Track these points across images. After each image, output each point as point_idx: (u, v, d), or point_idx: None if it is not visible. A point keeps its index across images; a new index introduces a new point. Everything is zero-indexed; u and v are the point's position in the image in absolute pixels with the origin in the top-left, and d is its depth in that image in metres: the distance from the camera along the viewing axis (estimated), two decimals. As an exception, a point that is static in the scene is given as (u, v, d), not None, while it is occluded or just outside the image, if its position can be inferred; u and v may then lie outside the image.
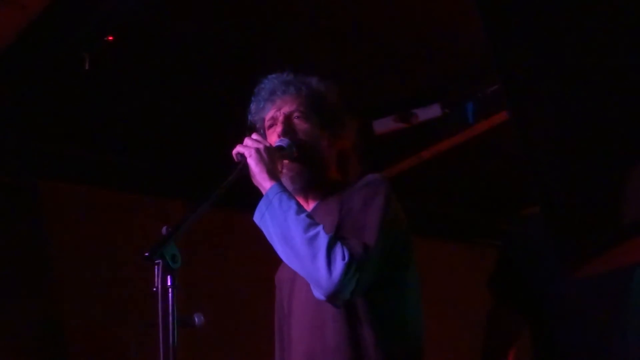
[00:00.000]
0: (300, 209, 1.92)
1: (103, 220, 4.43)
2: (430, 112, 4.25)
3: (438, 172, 5.11)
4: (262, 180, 1.97)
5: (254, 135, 2.06)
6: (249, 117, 2.25)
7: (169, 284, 1.71)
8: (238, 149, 2.01)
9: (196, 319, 1.76)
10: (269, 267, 2.28)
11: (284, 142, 2.09)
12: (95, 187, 4.47)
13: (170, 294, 1.71)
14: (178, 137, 4.39)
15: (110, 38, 3.38)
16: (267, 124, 2.19)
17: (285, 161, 2.10)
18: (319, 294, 1.86)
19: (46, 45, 3.47)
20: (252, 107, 2.23)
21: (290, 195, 1.96)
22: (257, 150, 1.98)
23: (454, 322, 5.41)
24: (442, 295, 5.41)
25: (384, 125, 4.30)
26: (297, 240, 1.87)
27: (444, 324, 5.22)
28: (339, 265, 1.82)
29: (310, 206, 2.14)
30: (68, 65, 3.57)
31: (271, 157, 2.00)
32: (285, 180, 2.06)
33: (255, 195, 2.01)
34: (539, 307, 2.40)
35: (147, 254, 1.73)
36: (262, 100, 2.20)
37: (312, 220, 1.90)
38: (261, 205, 1.96)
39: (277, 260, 2.05)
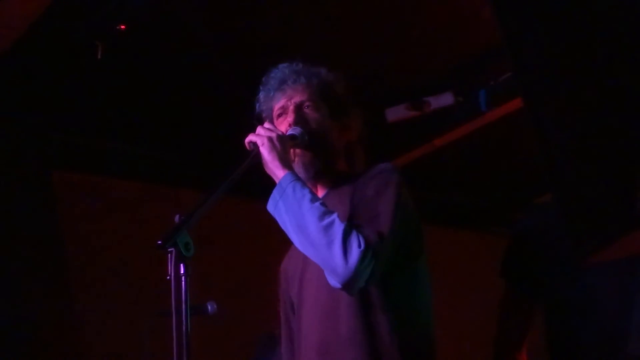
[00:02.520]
0: (314, 197, 1.93)
1: (117, 210, 4.45)
2: (443, 100, 4.23)
3: (450, 161, 5.09)
4: (275, 169, 1.98)
5: (266, 124, 2.06)
6: (257, 107, 2.25)
7: (182, 272, 1.72)
8: (250, 137, 2.02)
9: (209, 307, 1.78)
10: (283, 257, 2.28)
11: (296, 130, 2.09)
12: (109, 177, 4.49)
13: (183, 282, 1.72)
14: (191, 125, 4.40)
15: (123, 27, 3.39)
16: (276, 113, 2.19)
17: (297, 150, 2.10)
18: (334, 282, 1.87)
19: (59, 35, 3.48)
20: (261, 96, 2.23)
21: (304, 184, 1.97)
22: (270, 138, 1.99)
23: (465, 311, 5.41)
24: (455, 283, 5.41)
25: (396, 113, 4.29)
26: (312, 228, 1.87)
27: (456, 312, 5.22)
28: (355, 252, 1.82)
29: (320, 195, 2.15)
30: (80, 54, 3.58)
31: (283, 146, 2.00)
32: (298, 169, 2.07)
33: (269, 184, 2.02)
34: (552, 295, 2.40)
35: (159, 242, 1.74)
36: (271, 90, 2.20)
37: (327, 208, 1.91)
38: (274, 194, 1.96)
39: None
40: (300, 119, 2.13)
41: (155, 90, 4.05)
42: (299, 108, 2.15)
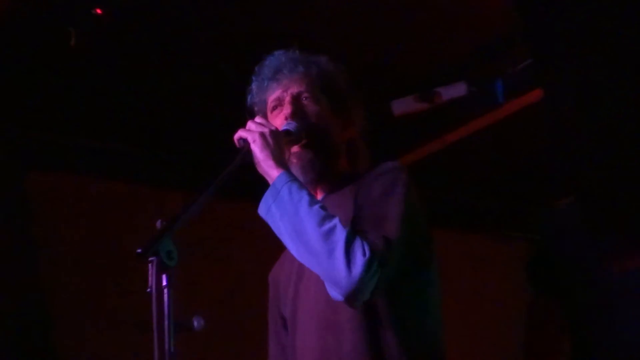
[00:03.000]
0: (312, 200, 1.91)
1: (94, 213, 4.44)
2: (455, 90, 4.23)
3: (463, 158, 5.09)
4: (268, 168, 1.96)
5: (258, 118, 2.04)
6: (249, 99, 2.23)
7: (164, 283, 1.71)
8: (240, 133, 1.99)
9: (195, 323, 1.76)
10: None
11: (292, 125, 2.07)
12: (87, 177, 4.48)
13: (165, 295, 1.70)
14: (176, 122, 4.40)
15: (99, 11, 3.38)
16: (270, 105, 2.17)
17: (294, 148, 2.09)
18: (336, 294, 1.85)
19: (29, 22, 3.47)
20: (254, 86, 2.22)
21: (301, 185, 1.94)
22: (262, 134, 1.97)
23: (477, 323, 5.41)
24: (466, 293, 5.41)
25: (403, 105, 4.29)
26: (311, 234, 1.85)
27: (467, 324, 5.23)
28: (359, 261, 1.81)
29: (318, 197, 2.13)
30: (53, 43, 3.57)
31: (277, 143, 1.98)
32: (294, 169, 2.05)
33: (262, 184, 2.00)
34: (576, 300, 2.43)
35: (139, 250, 1.72)
36: (265, 79, 2.18)
37: (327, 212, 1.89)
38: (267, 197, 1.94)
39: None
40: (297, 112, 2.11)
41: (138, 83, 4.04)
42: (296, 100, 2.13)
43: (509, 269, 5.48)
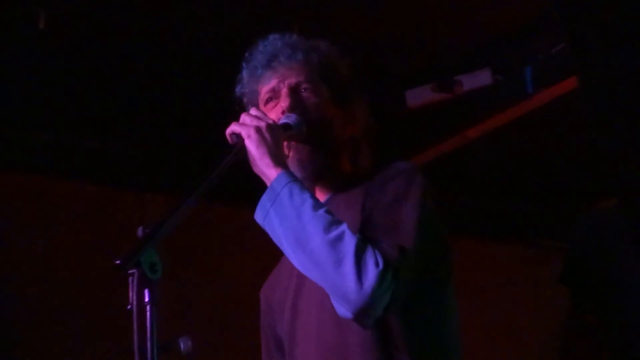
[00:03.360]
0: (317, 203, 1.91)
1: (66, 219, 4.45)
2: (479, 79, 4.24)
3: (487, 157, 5.09)
4: (265, 167, 1.96)
5: (253, 111, 2.03)
6: (238, 88, 2.23)
7: (146, 299, 1.71)
8: (233, 128, 1.99)
9: (182, 344, 1.77)
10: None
11: (291, 118, 2.07)
12: (57, 178, 4.49)
13: (148, 313, 1.70)
14: (159, 116, 4.40)
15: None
16: (264, 97, 2.17)
17: (293, 143, 2.09)
18: (345, 311, 1.85)
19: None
20: (244, 74, 2.21)
21: (303, 186, 1.95)
22: (258, 129, 1.96)
23: (500, 342, 5.42)
24: (489, 308, 5.42)
25: (419, 96, 4.29)
26: (316, 242, 1.85)
27: (490, 343, 5.24)
28: (371, 273, 1.81)
29: (321, 200, 2.14)
30: (19, 25, 3.58)
31: (275, 138, 1.98)
32: (293, 166, 2.06)
33: (258, 185, 2.01)
34: (621, 312, 2.46)
35: (118, 261, 1.72)
36: (258, 67, 2.17)
37: (334, 217, 1.89)
38: (264, 201, 1.94)
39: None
40: (296, 104, 2.11)
41: (116, 73, 4.05)
42: (294, 91, 2.14)
43: (539, 282, 5.49)
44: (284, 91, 2.14)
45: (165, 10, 3.68)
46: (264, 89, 2.17)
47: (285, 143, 2.06)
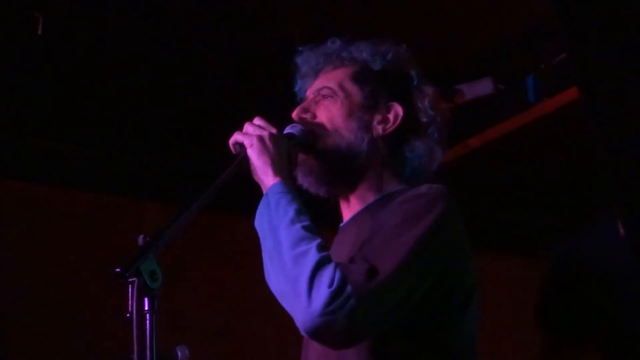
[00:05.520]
0: (297, 217, 1.88)
1: (62, 227, 4.45)
2: (480, 88, 4.24)
3: (489, 166, 5.10)
4: (264, 177, 1.96)
5: (257, 120, 2.04)
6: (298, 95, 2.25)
7: (146, 308, 1.72)
8: (236, 137, 2.00)
9: (179, 354, 1.78)
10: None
11: (296, 129, 2.08)
12: (53, 185, 4.50)
13: (147, 321, 1.71)
14: (158, 123, 4.41)
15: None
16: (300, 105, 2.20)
17: (302, 154, 2.09)
18: (299, 327, 1.82)
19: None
20: (297, 82, 2.24)
21: (295, 197, 1.93)
22: (260, 138, 1.97)
23: (503, 349, 5.42)
24: (497, 323, 5.41)
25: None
26: (285, 256, 1.85)
27: (492, 351, 5.23)
28: (322, 292, 1.76)
29: (348, 215, 2.12)
30: (17, 30, 3.59)
31: (278, 148, 1.98)
32: (299, 177, 2.07)
33: (259, 195, 2.01)
34: (620, 330, 2.45)
35: (118, 269, 1.73)
36: (300, 76, 2.22)
37: (310, 233, 1.86)
38: (260, 208, 1.95)
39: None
40: (305, 112, 2.13)
41: (115, 80, 4.05)
42: (310, 101, 2.15)
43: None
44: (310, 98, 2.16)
45: (164, 16, 3.69)
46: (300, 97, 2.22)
47: (297, 155, 2.07)
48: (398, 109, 2.14)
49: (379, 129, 2.13)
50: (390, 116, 2.14)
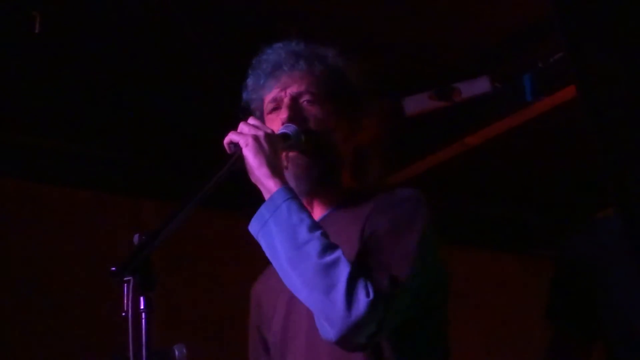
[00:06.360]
0: (313, 224, 1.92)
1: (59, 225, 4.45)
2: (477, 86, 4.25)
3: (487, 165, 5.10)
4: (263, 177, 1.97)
5: (251, 120, 2.05)
6: (244, 95, 2.25)
7: (142, 307, 1.73)
8: (231, 136, 2.00)
9: (177, 352, 1.78)
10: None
11: (290, 129, 2.09)
12: (50, 184, 4.49)
13: (143, 320, 1.72)
14: (154, 122, 4.41)
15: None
16: (267, 106, 2.18)
17: (291, 153, 2.10)
18: (329, 334, 1.86)
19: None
20: (249, 82, 2.23)
21: (301, 203, 1.96)
22: (256, 138, 1.97)
23: (500, 349, 5.42)
24: (491, 321, 5.41)
25: (417, 104, 4.30)
26: (310, 265, 1.87)
27: (488, 351, 5.23)
28: (362, 302, 1.82)
29: (317, 216, 2.15)
30: (14, 28, 3.59)
31: (273, 148, 1.99)
32: (289, 178, 2.07)
33: (254, 194, 2.01)
34: (620, 331, 2.45)
35: (114, 268, 1.73)
36: (262, 76, 2.19)
37: (329, 240, 1.91)
38: (263, 212, 1.95)
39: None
40: (296, 115, 2.12)
41: (112, 78, 4.05)
42: (294, 102, 2.14)
43: (538, 291, 5.48)
44: (285, 101, 2.15)
45: (162, 16, 3.69)
46: (267, 98, 2.19)
47: (283, 153, 2.07)
48: (371, 117, 2.22)
49: (353, 134, 2.20)
50: (364, 123, 2.21)
